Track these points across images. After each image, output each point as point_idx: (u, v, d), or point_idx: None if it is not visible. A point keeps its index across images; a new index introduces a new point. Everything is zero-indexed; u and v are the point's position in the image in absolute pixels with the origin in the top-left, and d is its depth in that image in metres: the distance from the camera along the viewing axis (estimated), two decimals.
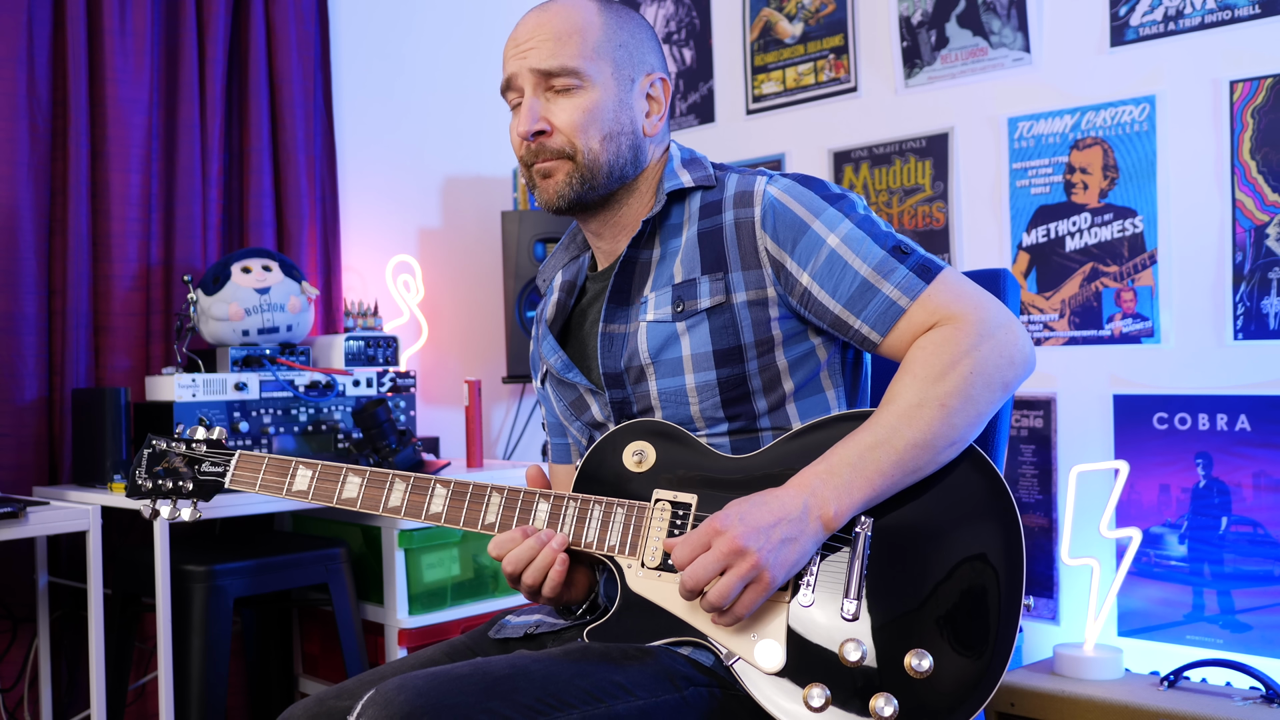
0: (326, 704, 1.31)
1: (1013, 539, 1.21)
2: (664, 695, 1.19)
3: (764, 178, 1.38)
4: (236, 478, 1.43)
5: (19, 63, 2.50)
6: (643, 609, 1.27)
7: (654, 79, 1.42)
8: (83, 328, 2.59)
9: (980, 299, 1.28)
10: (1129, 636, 2.50)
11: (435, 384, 3.34)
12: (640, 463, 1.33)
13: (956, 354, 1.23)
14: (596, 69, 1.36)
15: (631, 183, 1.43)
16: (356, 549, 2.68)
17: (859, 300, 1.30)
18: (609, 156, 1.38)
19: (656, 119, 1.42)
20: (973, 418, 1.23)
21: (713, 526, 1.18)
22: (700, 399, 1.35)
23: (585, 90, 1.36)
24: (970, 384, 1.23)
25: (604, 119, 1.37)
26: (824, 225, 1.32)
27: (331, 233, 3.08)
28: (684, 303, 1.36)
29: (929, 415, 1.21)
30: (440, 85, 3.38)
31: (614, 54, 1.38)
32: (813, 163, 3.11)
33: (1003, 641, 1.18)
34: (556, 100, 1.37)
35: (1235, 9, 2.38)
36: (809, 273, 1.32)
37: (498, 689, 1.12)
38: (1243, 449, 2.36)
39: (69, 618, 2.55)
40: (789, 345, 1.35)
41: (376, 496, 1.37)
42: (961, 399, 1.22)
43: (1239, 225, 2.38)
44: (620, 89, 1.38)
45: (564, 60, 1.35)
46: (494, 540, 1.32)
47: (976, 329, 1.25)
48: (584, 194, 1.39)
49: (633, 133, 1.39)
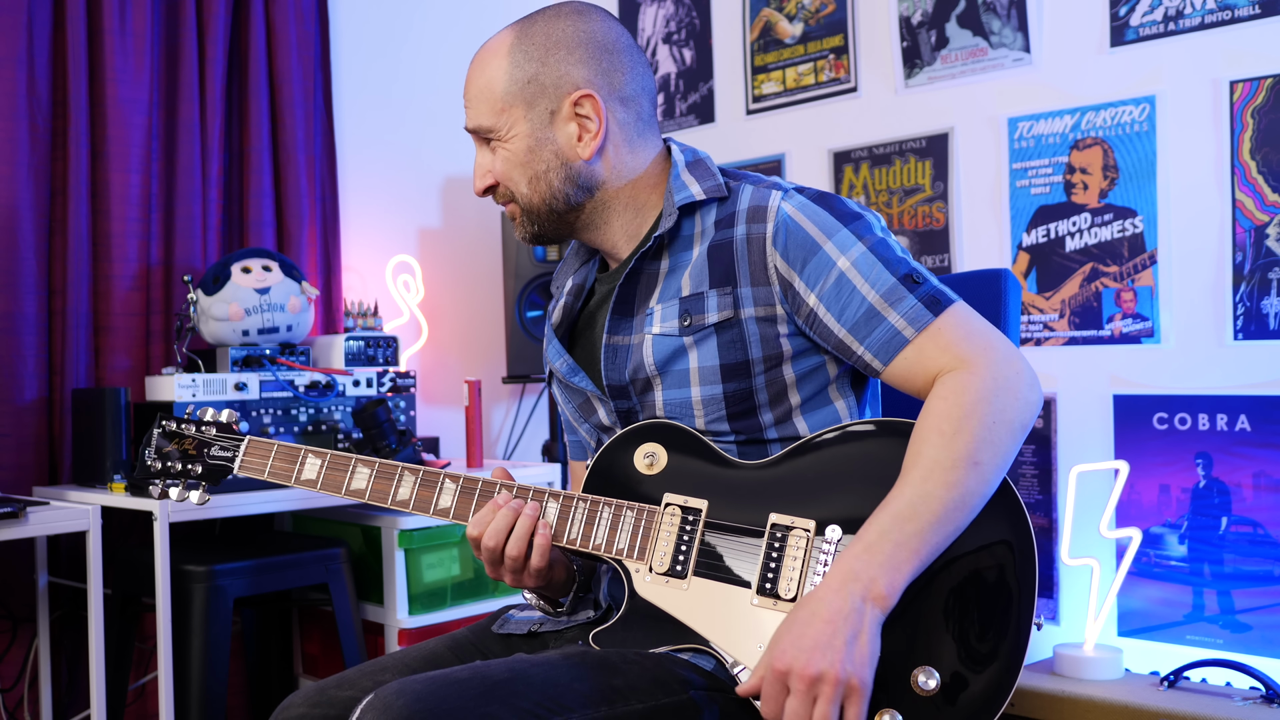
0: (327, 693, 1.31)
1: (1025, 558, 1.19)
2: (664, 699, 1.18)
3: (779, 192, 1.35)
4: (246, 464, 1.43)
5: (19, 63, 2.50)
6: (650, 615, 1.26)
7: (575, 99, 1.36)
8: (83, 328, 2.59)
9: (990, 338, 1.26)
10: (1129, 636, 2.50)
11: (435, 384, 3.34)
12: (651, 465, 1.32)
13: (973, 401, 1.20)
14: (507, 119, 1.37)
15: (607, 200, 1.41)
16: (356, 549, 2.68)
17: (863, 326, 1.28)
18: (541, 196, 1.39)
19: (589, 139, 1.37)
20: (1001, 467, 1.20)
21: (775, 669, 1.13)
22: (705, 412, 1.33)
23: (504, 141, 1.38)
24: (993, 432, 1.19)
25: (525, 163, 1.38)
26: (835, 247, 1.30)
27: (331, 233, 3.08)
28: (691, 317, 1.34)
29: (960, 475, 1.17)
30: (440, 85, 3.38)
31: (523, 95, 1.36)
32: (813, 163, 3.11)
33: (1011, 660, 1.16)
34: (493, 151, 1.40)
35: (1235, 9, 2.38)
36: (816, 294, 1.29)
37: (496, 693, 1.12)
38: (1243, 449, 2.36)
39: (69, 618, 2.55)
40: (797, 360, 1.34)
41: (385, 489, 1.36)
42: (990, 451, 1.19)
43: (1239, 225, 2.38)
44: (535, 128, 1.37)
45: (480, 119, 1.39)
46: (472, 520, 1.31)
47: (990, 373, 1.22)
48: (539, 232, 1.42)
49: (562, 165, 1.38)
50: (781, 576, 1.23)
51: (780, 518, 1.25)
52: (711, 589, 1.25)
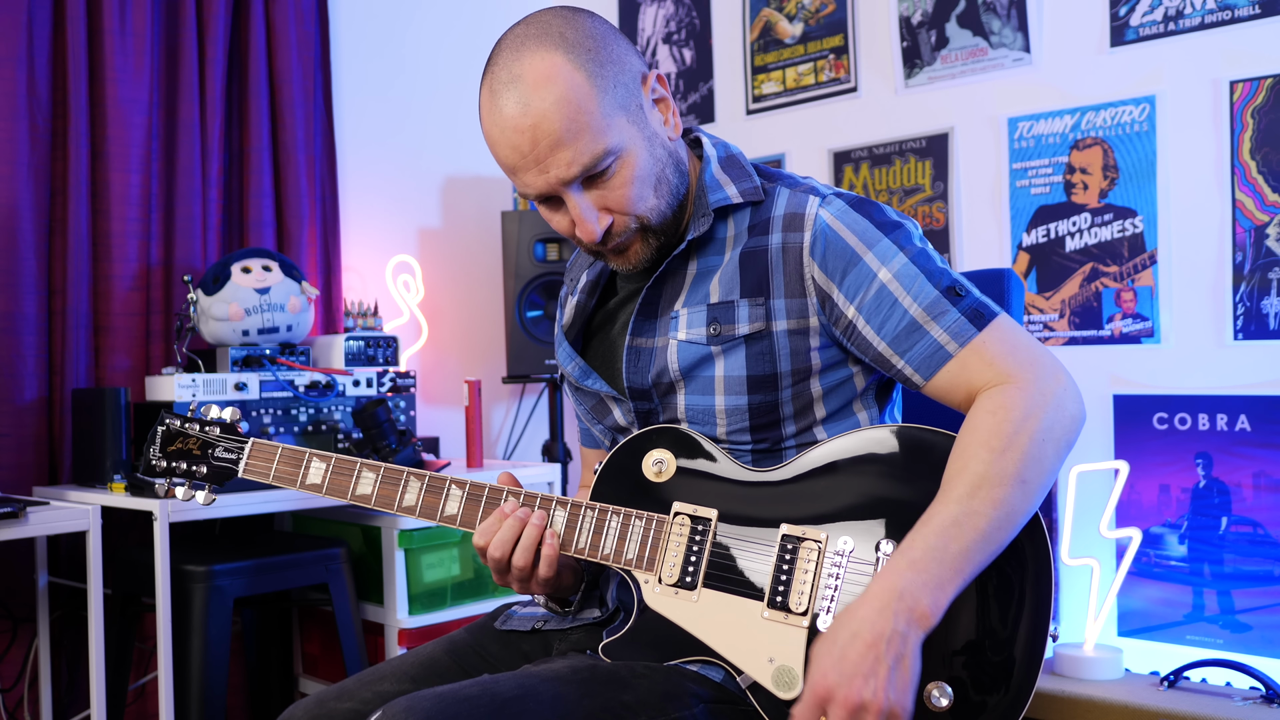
0: (326, 705, 1.30)
1: (1042, 572, 1.18)
2: (673, 713, 1.17)
3: (816, 198, 1.30)
4: (250, 467, 1.40)
5: (19, 63, 2.50)
6: (659, 627, 1.24)
7: (650, 84, 1.30)
8: (83, 328, 2.59)
9: (1035, 353, 1.23)
10: (1129, 636, 2.50)
11: (435, 384, 3.34)
12: (660, 473, 1.29)
13: (1021, 418, 1.17)
14: (617, 134, 1.24)
15: (688, 187, 1.35)
16: (356, 549, 2.67)
17: (905, 340, 1.25)
18: (668, 199, 1.30)
19: (672, 116, 1.32)
20: (1046, 484, 1.18)
21: (816, 695, 1.08)
22: (729, 422, 1.31)
23: (621, 160, 1.25)
24: (1041, 449, 1.17)
25: (649, 172, 1.28)
26: (876, 258, 1.26)
27: (331, 233, 3.08)
28: (720, 326, 1.30)
29: (1006, 492, 1.15)
30: (440, 85, 3.38)
31: (617, 99, 1.25)
32: (813, 163, 3.11)
33: (1026, 677, 1.15)
34: (601, 186, 1.26)
35: (1235, 9, 2.38)
36: (856, 306, 1.26)
37: (506, 710, 1.11)
38: (1243, 449, 2.36)
39: (69, 618, 2.55)
40: (825, 373, 1.31)
41: (391, 495, 1.33)
42: (1035, 467, 1.16)
43: (1239, 225, 2.38)
44: (641, 129, 1.27)
45: (589, 153, 1.23)
46: (478, 530, 1.29)
47: (1038, 389, 1.19)
48: (663, 244, 1.33)
49: (668, 155, 1.31)
50: (792, 589, 1.21)
51: (791, 529, 1.23)
52: (721, 601, 1.23)
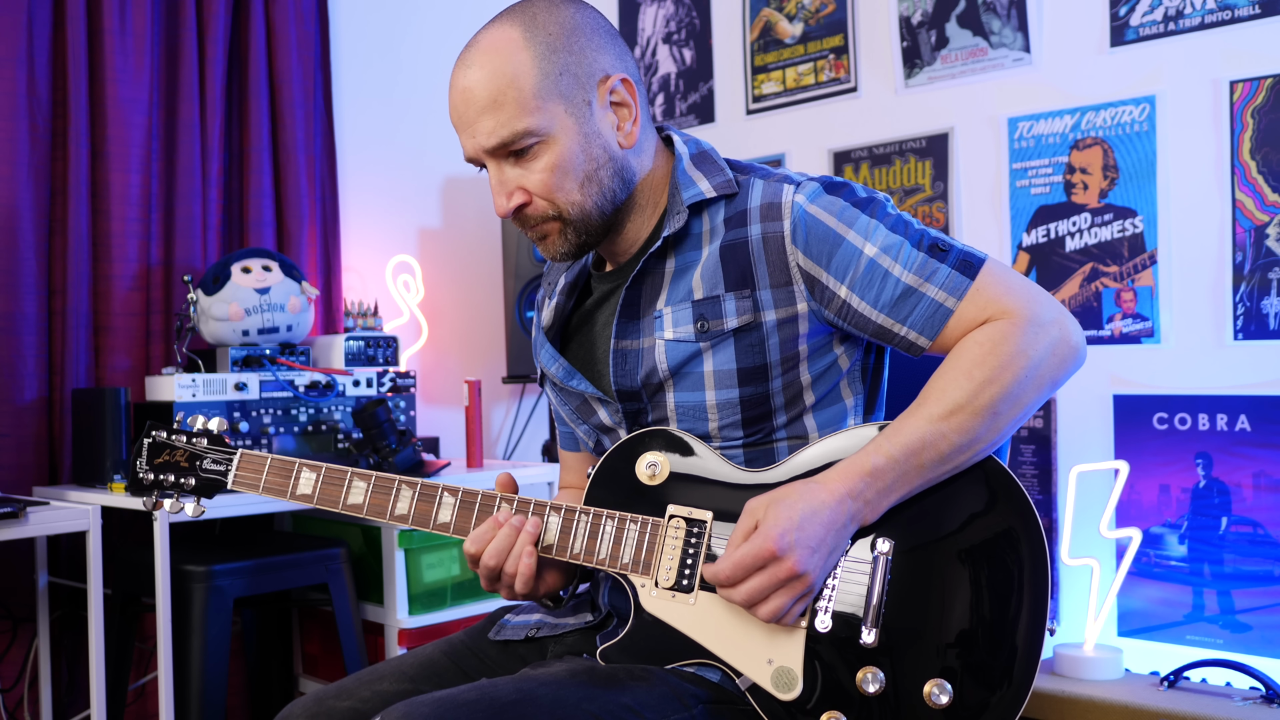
0: (325, 703, 1.30)
1: (1038, 567, 1.18)
2: (673, 715, 1.17)
3: (791, 185, 1.31)
4: (239, 479, 1.37)
5: (19, 63, 2.50)
6: (657, 630, 1.24)
7: (611, 85, 1.28)
8: (83, 328, 2.59)
9: (1030, 291, 1.24)
10: (1129, 636, 2.50)
11: (435, 384, 3.34)
12: (654, 476, 1.29)
13: (1010, 354, 1.19)
14: (546, 118, 1.24)
15: (634, 194, 1.34)
16: (356, 549, 2.68)
17: (902, 307, 1.25)
18: (595, 199, 1.29)
19: (630, 125, 1.30)
20: (1016, 420, 1.21)
21: (767, 548, 1.14)
22: (720, 416, 1.31)
23: (545, 144, 1.25)
24: (1022, 387, 1.19)
25: (575, 166, 1.27)
26: (859, 234, 1.27)
27: (331, 233, 3.08)
28: (707, 321, 1.29)
29: (977, 422, 1.18)
30: (440, 85, 3.33)
31: (558, 87, 1.25)
32: (813, 163, 3.11)
33: (1024, 673, 1.15)
34: (523, 165, 1.27)
35: (1235, 9, 2.38)
36: (847, 285, 1.26)
37: (505, 715, 1.11)
38: (1243, 449, 2.36)
39: (69, 618, 2.55)
40: (813, 360, 1.31)
41: (383, 504, 1.32)
42: (1011, 404, 1.19)
43: (1239, 225, 2.38)
44: (580, 122, 1.26)
45: (510, 127, 1.24)
46: (470, 536, 1.28)
47: (1030, 325, 1.20)
48: (584, 242, 1.32)
49: (610, 159, 1.29)
50: None
51: None
52: (718, 603, 1.22)
